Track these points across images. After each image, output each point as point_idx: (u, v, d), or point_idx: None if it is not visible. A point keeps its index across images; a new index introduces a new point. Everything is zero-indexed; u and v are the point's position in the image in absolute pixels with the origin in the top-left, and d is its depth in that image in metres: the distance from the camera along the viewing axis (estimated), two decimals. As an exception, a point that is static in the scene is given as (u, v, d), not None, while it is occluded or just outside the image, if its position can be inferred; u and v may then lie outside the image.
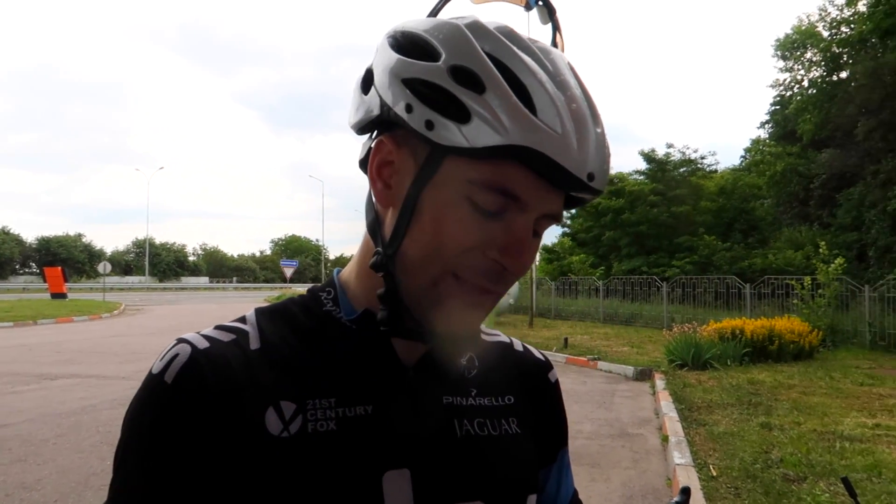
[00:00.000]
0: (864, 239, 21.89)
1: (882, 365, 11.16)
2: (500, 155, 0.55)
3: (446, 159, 0.59)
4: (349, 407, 0.65)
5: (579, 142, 0.57)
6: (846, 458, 5.43)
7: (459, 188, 0.59)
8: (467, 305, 0.63)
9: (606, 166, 0.60)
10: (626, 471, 5.44)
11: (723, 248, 24.36)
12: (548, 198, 0.60)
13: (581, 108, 0.58)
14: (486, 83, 0.56)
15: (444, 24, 0.60)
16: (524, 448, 0.75)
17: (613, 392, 9.13)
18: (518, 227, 0.60)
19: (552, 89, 0.57)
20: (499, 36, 0.59)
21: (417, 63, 0.59)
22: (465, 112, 0.56)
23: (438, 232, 0.60)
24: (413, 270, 0.63)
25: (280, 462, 0.60)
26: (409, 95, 0.59)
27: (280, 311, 0.72)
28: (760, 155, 31.08)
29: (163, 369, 0.62)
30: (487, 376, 0.76)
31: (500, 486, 0.69)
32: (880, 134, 21.86)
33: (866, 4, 22.63)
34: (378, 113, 0.63)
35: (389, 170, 0.64)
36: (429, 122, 0.57)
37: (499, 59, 0.57)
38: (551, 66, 0.60)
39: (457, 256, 0.60)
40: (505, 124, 0.55)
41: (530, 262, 0.63)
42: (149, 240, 79.30)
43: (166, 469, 0.59)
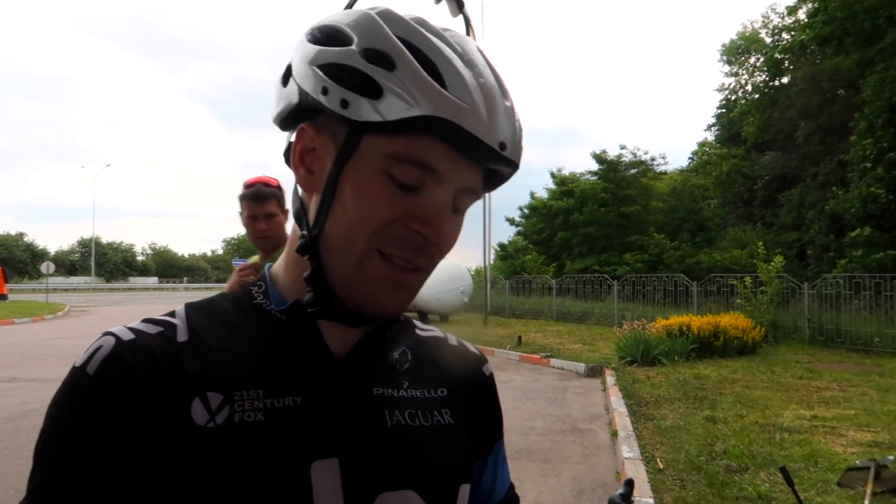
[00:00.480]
0: (803, 238, 22.71)
1: (820, 359, 11.63)
2: (414, 127, 0.58)
3: (364, 137, 0.61)
4: (278, 398, 0.65)
5: (489, 113, 0.60)
6: (785, 448, 5.65)
7: (377, 163, 0.61)
8: (393, 284, 0.64)
9: (518, 138, 0.64)
10: (577, 465, 5.54)
11: (672, 247, 24.97)
12: (463, 170, 0.63)
13: (489, 83, 0.62)
14: (396, 61, 0.59)
15: (357, 13, 0.64)
16: (457, 438, 0.75)
17: (565, 389, 9.27)
18: (437, 199, 0.63)
19: (461, 65, 0.61)
20: (409, 21, 0.62)
21: (331, 49, 0.62)
22: (378, 88, 0.59)
23: (359, 208, 0.62)
24: (338, 250, 0.64)
25: (206, 452, 0.60)
26: (324, 79, 0.61)
27: (210, 306, 0.72)
28: (707, 157, 31.99)
29: (85, 361, 0.62)
30: (420, 369, 0.77)
31: (431, 475, 0.70)
32: (819, 137, 22.74)
33: (806, 13, 23.53)
34: (297, 101, 0.65)
35: (312, 156, 0.66)
36: (344, 101, 0.60)
37: (409, 40, 0.61)
38: (460, 47, 0.63)
39: (379, 231, 0.62)
40: (416, 97, 0.58)
41: (452, 235, 0.66)
42: (95, 239, 76.88)
43: (87, 461, 0.59)
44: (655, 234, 25.34)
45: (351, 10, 0.65)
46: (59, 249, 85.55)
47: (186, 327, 0.67)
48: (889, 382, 9.07)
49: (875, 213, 18.24)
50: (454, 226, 0.66)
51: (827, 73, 22.27)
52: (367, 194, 0.62)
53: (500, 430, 0.86)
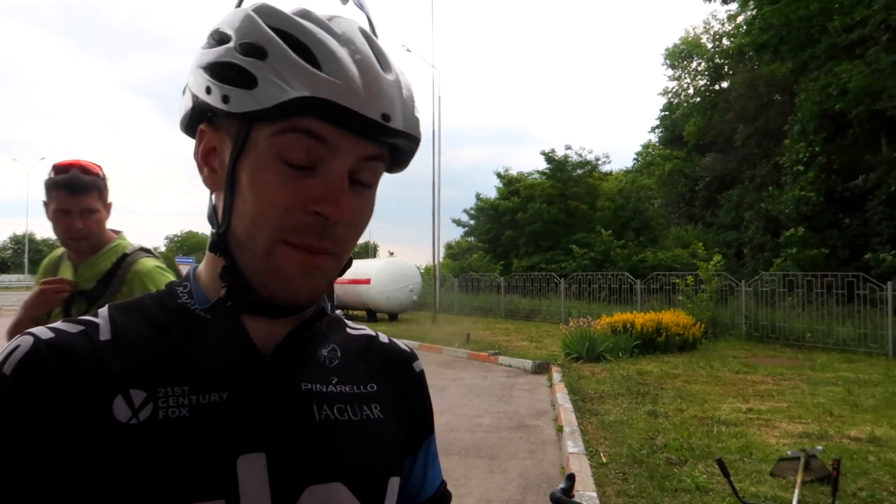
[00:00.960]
0: (741, 238, 23.55)
1: (756, 354, 12.08)
2: (292, 110, 0.60)
3: (253, 128, 0.63)
4: (203, 394, 0.65)
5: (367, 86, 0.61)
6: (722, 441, 5.84)
7: (269, 149, 0.62)
8: (304, 270, 0.65)
9: (408, 110, 0.65)
10: (523, 461, 5.60)
11: (618, 245, 25.52)
12: (355, 144, 0.63)
13: (366, 58, 0.63)
14: (268, 50, 0.61)
15: (237, 12, 0.66)
16: (386, 432, 0.76)
17: (513, 385, 9.37)
18: (333, 177, 0.63)
19: (335, 45, 0.62)
20: (284, 13, 0.64)
21: (213, 50, 0.64)
22: (252, 78, 0.60)
23: (256, 198, 0.63)
24: (245, 244, 0.65)
25: (129, 449, 0.60)
26: (207, 79, 0.63)
27: (134, 306, 0.72)
28: (651, 157, 32.83)
29: (2, 361, 0.61)
30: (350, 366, 0.78)
31: (359, 468, 0.71)
32: (756, 141, 23.63)
33: (745, 20, 24.38)
34: (192, 106, 0.67)
35: (213, 155, 0.68)
36: (225, 97, 0.62)
37: (283, 30, 0.62)
38: (338, 29, 0.64)
39: (280, 218, 0.63)
40: (289, 81, 0.59)
41: (358, 210, 0.66)
42: (28, 235, 73.59)
43: (5, 462, 0.57)
44: (603, 231, 25.83)
45: (234, 11, 0.66)
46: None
47: (110, 326, 0.67)
48: (819, 376, 9.49)
49: (808, 215, 19.06)
50: (359, 201, 0.66)
51: (764, 79, 23.16)
52: (261, 183, 0.63)
53: (431, 425, 0.87)
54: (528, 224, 27.87)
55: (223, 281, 0.67)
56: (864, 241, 18.25)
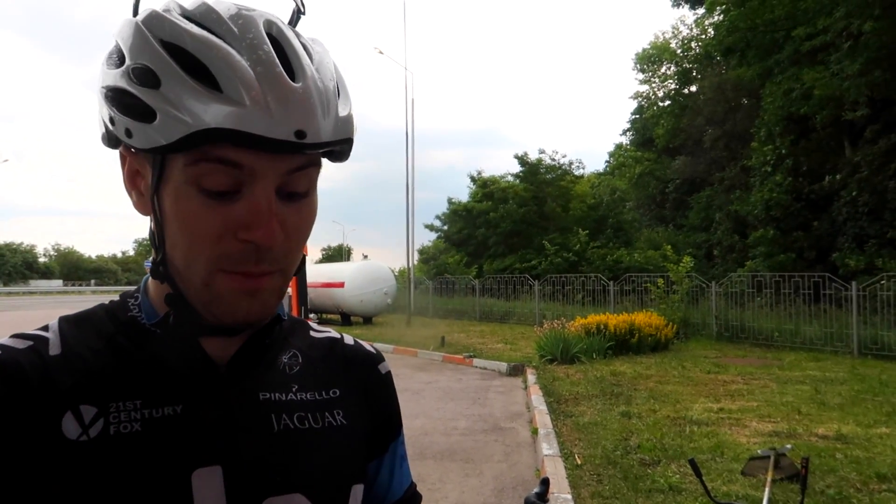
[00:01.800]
0: (711, 239, 23.94)
1: (726, 354, 12.26)
2: (198, 142, 0.55)
3: (166, 158, 0.59)
4: (156, 408, 0.63)
5: (275, 104, 0.55)
6: (694, 440, 5.91)
7: (185, 179, 0.59)
8: (246, 295, 0.62)
9: (329, 116, 0.59)
10: (499, 464, 5.61)
11: (595, 246, 25.73)
12: (273, 163, 0.59)
13: (270, 69, 0.56)
14: (160, 76, 0.56)
15: (126, 24, 0.60)
16: (349, 439, 0.75)
17: (488, 388, 9.38)
18: (257, 200, 0.59)
19: (235, 60, 0.56)
20: (175, 21, 0.58)
21: (110, 72, 0.60)
22: (150, 111, 0.56)
23: (183, 231, 0.60)
24: (183, 273, 0.63)
25: (79, 466, 0.59)
26: (109, 107, 0.60)
27: (86, 318, 0.70)
28: (622, 159, 33.21)
29: None
30: (312, 371, 0.76)
31: (320, 478, 0.70)
32: (724, 143, 24.06)
33: (712, 25, 24.79)
34: (104, 130, 0.64)
35: (138, 178, 0.65)
36: (127, 131, 0.58)
37: (176, 44, 0.57)
38: (239, 30, 0.58)
39: (211, 249, 0.60)
40: (188, 111, 0.55)
41: (295, 229, 0.63)
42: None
43: None
44: (580, 231, 25.99)
45: (127, 20, 0.61)
46: (-50, 251, 79.45)
47: (59, 341, 0.65)
48: (788, 375, 9.67)
49: (776, 217, 19.43)
50: (295, 213, 0.62)
51: (731, 83, 23.61)
52: (184, 213, 0.60)
53: (398, 428, 0.86)
54: (500, 223, 27.97)
55: (170, 308, 0.66)
56: (830, 241, 18.66)
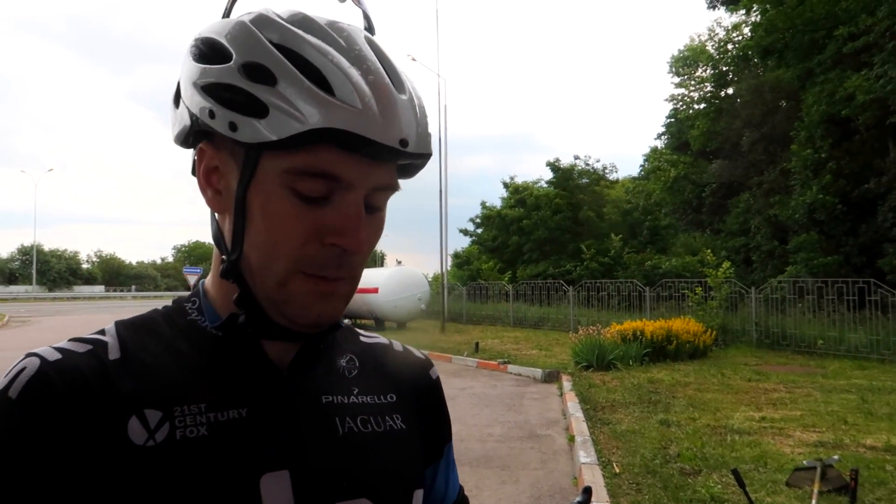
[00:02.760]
0: (749, 244, 23.45)
1: (767, 361, 11.99)
2: (307, 140, 0.56)
3: (262, 156, 0.59)
4: (221, 411, 0.63)
5: (383, 112, 0.57)
6: (736, 450, 5.79)
7: (280, 181, 0.59)
8: (321, 297, 0.63)
9: (422, 129, 0.61)
10: (535, 472, 5.57)
11: (631, 251, 25.43)
12: (370, 172, 0.61)
13: (380, 80, 0.59)
14: (277, 75, 0.57)
15: (232, 24, 0.61)
16: (409, 444, 0.75)
17: (523, 394, 9.33)
18: (348, 208, 0.60)
19: (347, 66, 0.58)
20: (285, 24, 0.60)
21: (212, 68, 0.60)
22: (263, 107, 0.57)
23: (270, 231, 0.61)
24: (259, 273, 0.63)
25: (147, 472, 0.58)
26: (209, 101, 0.59)
27: (143, 323, 0.70)
28: (657, 163, 32.77)
29: (7, 385, 0.59)
30: (369, 376, 0.77)
31: (385, 483, 0.69)
32: (762, 147, 23.56)
33: (750, 26, 24.38)
34: (189, 124, 0.63)
35: (216, 175, 0.65)
36: (232, 124, 0.58)
37: (288, 47, 0.58)
38: (346, 42, 0.60)
39: (297, 251, 0.61)
40: (302, 110, 0.56)
41: (371, 240, 0.64)
42: (36, 246, 73.98)
43: (11, 489, 0.55)
44: (613, 236, 25.72)
45: (227, 21, 0.63)
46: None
47: (118, 345, 0.65)
48: (832, 383, 9.41)
49: (820, 220, 18.94)
50: (373, 228, 0.64)
51: (769, 85, 23.13)
52: (274, 215, 0.60)
53: (449, 432, 0.86)
54: (534, 230, 27.85)
55: (240, 308, 0.65)
56: (876, 246, 18.12)
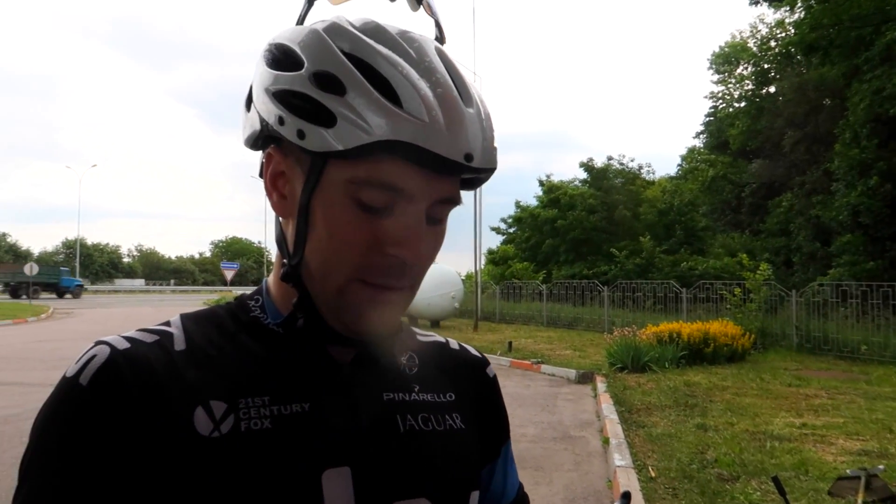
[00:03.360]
0: (790, 245, 22.93)
1: (808, 366, 11.71)
2: (373, 151, 0.57)
3: (328, 164, 0.60)
4: (284, 405, 0.64)
5: (450, 126, 0.57)
6: (776, 457, 5.67)
7: (344, 190, 0.60)
8: (379, 305, 0.64)
9: (488, 143, 0.61)
10: (569, 473, 5.53)
11: (662, 252, 25.08)
12: (434, 185, 0.61)
13: (448, 93, 0.59)
14: (346, 85, 0.58)
15: (305, 32, 0.62)
16: (468, 444, 0.75)
17: (556, 395, 9.28)
18: (410, 219, 0.61)
19: (416, 78, 0.58)
20: (357, 34, 0.60)
21: (284, 75, 0.61)
22: (331, 116, 0.57)
23: (331, 238, 0.61)
24: (319, 279, 0.64)
25: (212, 463, 0.59)
26: (280, 107, 0.60)
27: (207, 316, 0.71)
28: (695, 163, 32.26)
29: (78, 371, 0.60)
30: (428, 374, 0.77)
31: (444, 483, 0.69)
32: (805, 146, 23.00)
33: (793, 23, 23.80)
34: (259, 129, 0.64)
35: (282, 180, 0.66)
36: (300, 132, 0.59)
37: (359, 57, 0.59)
38: (416, 53, 0.60)
39: (357, 259, 0.61)
40: (369, 121, 0.56)
41: (431, 252, 0.65)
42: (80, 240, 76.16)
43: (81, 476, 0.56)
44: (642, 239, 25.42)
45: (301, 28, 0.63)
46: (44, 251, 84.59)
47: (184, 336, 0.66)
48: (876, 390, 9.14)
49: (865, 223, 18.41)
50: (433, 239, 0.65)
51: (813, 83, 22.56)
52: (337, 222, 0.61)
53: (507, 432, 0.86)
54: (569, 231, 27.66)
55: (299, 313, 0.66)
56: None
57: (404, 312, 0.68)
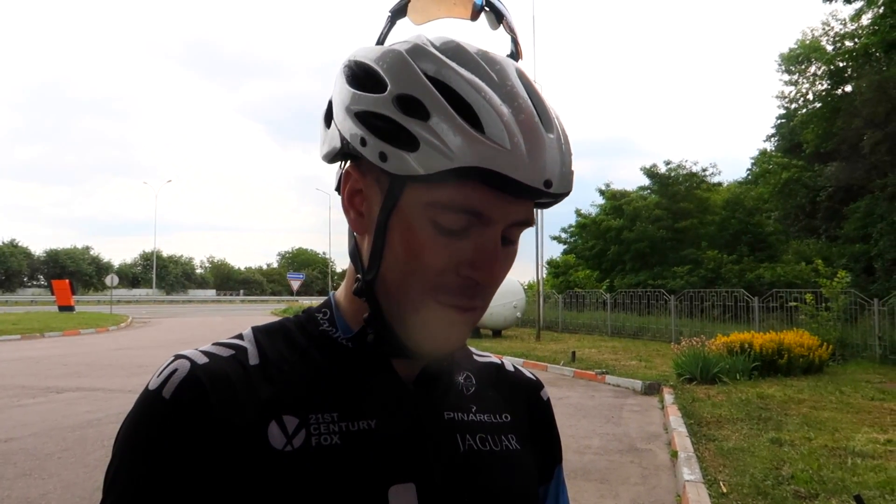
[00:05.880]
0: (871, 251, 21.77)
1: (892, 379, 11.05)
2: (454, 177, 0.57)
3: (407, 185, 0.61)
4: (352, 421, 0.65)
5: (531, 152, 0.57)
6: (858, 474, 5.36)
7: (423, 212, 0.61)
8: (450, 324, 0.64)
9: (566, 168, 0.61)
10: (636, 487, 5.39)
11: (729, 261, 24.25)
12: (511, 209, 0.61)
13: (530, 118, 0.59)
14: (430, 109, 0.58)
15: (388, 53, 0.62)
16: (525, 464, 0.76)
17: (622, 406, 9.07)
18: (486, 242, 0.62)
19: (498, 104, 0.58)
20: (440, 56, 0.60)
21: (367, 96, 0.61)
22: (414, 140, 0.58)
23: (410, 257, 0.62)
24: (393, 296, 0.65)
25: (285, 476, 0.60)
26: (362, 128, 0.61)
27: (277, 330, 0.73)
28: (767, 166, 31.06)
29: (160, 385, 0.62)
30: (485, 394, 0.78)
31: (505, 502, 0.70)
32: (886, 147, 21.80)
33: (870, 18, 22.67)
34: (340, 146, 0.66)
35: (360, 198, 0.67)
36: (382, 154, 0.59)
37: (442, 80, 0.59)
38: (498, 76, 0.60)
39: (432, 280, 0.62)
40: (452, 147, 0.56)
41: (503, 273, 0.65)
42: (156, 252, 79.69)
43: (165, 488, 0.58)
44: (708, 252, 24.63)
45: (383, 48, 0.64)
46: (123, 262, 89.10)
47: (256, 350, 0.68)
48: (970, 405, 8.54)
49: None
50: (506, 260, 0.65)
51: (894, 81, 21.38)
52: (414, 244, 0.62)
53: (560, 454, 0.87)
54: (634, 242, 27.06)
55: (370, 329, 0.67)
56: None
57: (472, 329, 0.68)
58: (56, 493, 5.05)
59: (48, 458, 5.98)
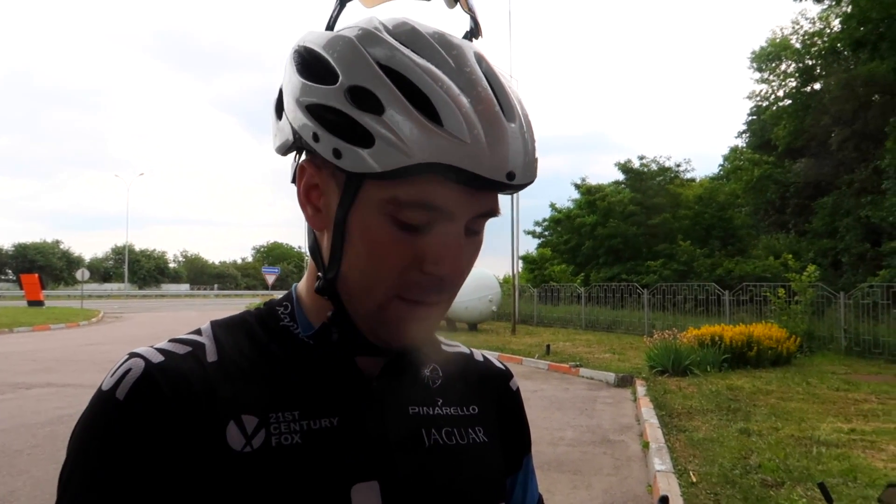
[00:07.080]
0: (838, 246, 22.25)
1: (857, 370, 11.35)
2: (411, 172, 0.54)
3: (364, 182, 0.58)
4: (314, 419, 0.64)
5: (491, 144, 0.55)
6: (823, 463, 5.52)
7: (382, 209, 0.58)
8: (417, 320, 0.63)
9: (530, 157, 0.59)
10: (608, 477, 5.48)
11: (702, 254, 24.60)
12: (473, 202, 0.59)
13: (490, 108, 0.56)
14: (384, 102, 0.55)
15: (338, 39, 0.59)
16: (492, 457, 0.75)
17: (595, 399, 9.18)
18: (449, 237, 0.60)
19: (456, 93, 0.55)
20: (393, 42, 0.57)
21: (317, 87, 0.58)
22: (369, 136, 0.55)
23: (371, 255, 0.60)
24: (357, 294, 0.63)
25: (244, 478, 0.59)
26: (314, 123, 0.58)
27: (237, 324, 0.70)
28: (738, 162, 31.51)
29: (114, 385, 0.59)
30: (452, 387, 0.77)
31: (470, 496, 0.70)
32: (853, 144, 22.32)
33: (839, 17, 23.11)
34: (293, 140, 0.63)
35: (317, 192, 0.64)
36: (336, 151, 0.57)
37: (395, 69, 0.56)
38: (455, 62, 0.57)
39: (396, 277, 0.60)
40: (408, 143, 0.54)
41: (469, 265, 0.64)
42: (128, 246, 78.31)
43: (120, 492, 0.56)
44: (682, 242, 24.97)
45: (333, 34, 0.60)
46: (94, 257, 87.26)
47: (215, 346, 0.66)
48: (930, 395, 8.81)
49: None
50: (471, 252, 0.64)
51: (861, 79, 21.87)
52: (374, 241, 0.60)
53: (529, 444, 0.86)
54: (608, 238, 27.31)
55: (334, 327, 0.66)
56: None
57: (439, 323, 0.67)
58: (25, 489, 4.98)
59: (17, 455, 5.89)
